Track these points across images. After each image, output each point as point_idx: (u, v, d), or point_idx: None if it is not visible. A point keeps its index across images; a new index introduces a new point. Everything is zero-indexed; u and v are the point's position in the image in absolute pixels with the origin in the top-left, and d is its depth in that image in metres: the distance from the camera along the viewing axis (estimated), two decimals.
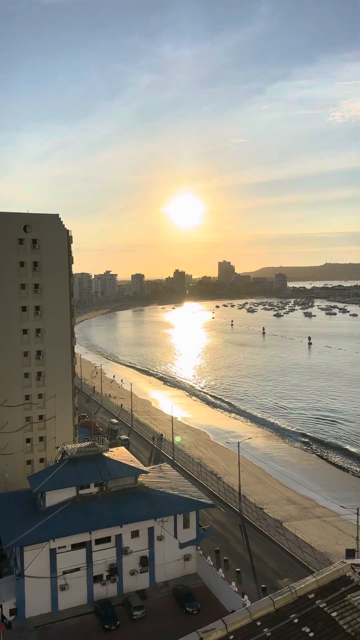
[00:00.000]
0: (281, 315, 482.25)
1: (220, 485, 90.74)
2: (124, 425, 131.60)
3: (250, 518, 78.82)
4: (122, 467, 63.54)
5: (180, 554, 62.25)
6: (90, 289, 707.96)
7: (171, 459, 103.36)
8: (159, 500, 61.79)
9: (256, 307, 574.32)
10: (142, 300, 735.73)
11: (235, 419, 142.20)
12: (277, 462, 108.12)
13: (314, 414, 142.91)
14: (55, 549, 55.95)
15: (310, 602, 18.21)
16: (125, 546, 59.38)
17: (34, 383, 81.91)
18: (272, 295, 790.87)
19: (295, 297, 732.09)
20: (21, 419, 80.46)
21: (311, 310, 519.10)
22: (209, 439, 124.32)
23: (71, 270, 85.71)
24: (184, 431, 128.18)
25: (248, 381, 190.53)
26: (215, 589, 58.66)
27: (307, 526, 77.46)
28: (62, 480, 59.98)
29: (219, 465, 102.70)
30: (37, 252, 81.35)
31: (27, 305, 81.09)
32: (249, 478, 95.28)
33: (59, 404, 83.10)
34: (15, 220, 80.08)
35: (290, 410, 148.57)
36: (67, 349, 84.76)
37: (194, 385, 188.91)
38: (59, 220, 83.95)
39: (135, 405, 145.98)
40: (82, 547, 57.45)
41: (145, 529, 60.28)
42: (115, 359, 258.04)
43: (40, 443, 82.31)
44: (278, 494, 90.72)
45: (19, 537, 54.25)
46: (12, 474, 77.76)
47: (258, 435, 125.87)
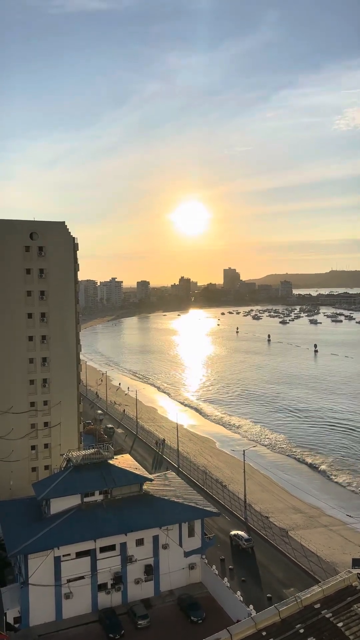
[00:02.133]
0: (287, 323, 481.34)
1: (226, 494, 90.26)
2: (129, 432, 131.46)
3: (255, 527, 78.29)
4: (127, 475, 63.36)
5: (185, 562, 61.87)
6: (95, 295, 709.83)
7: (176, 466, 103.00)
8: (164, 508, 61.51)
9: (261, 315, 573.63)
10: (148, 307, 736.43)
11: (241, 427, 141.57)
12: (283, 470, 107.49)
13: (323, 423, 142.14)
14: (59, 557, 55.73)
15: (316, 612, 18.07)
16: (129, 554, 59.07)
17: (40, 390, 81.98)
18: (277, 302, 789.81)
19: (300, 304, 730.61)
20: (26, 425, 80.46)
21: (317, 317, 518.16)
22: (214, 447, 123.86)
23: (77, 277, 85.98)
24: (189, 439, 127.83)
25: (254, 389, 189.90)
26: (220, 598, 58.22)
27: (313, 535, 76.86)
28: (66, 488, 59.84)
29: (224, 473, 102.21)
30: (43, 259, 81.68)
31: (33, 312, 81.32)
32: (255, 486, 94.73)
33: (64, 410, 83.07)
34: (21, 228, 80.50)
35: (298, 418, 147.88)
36: (72, 355, 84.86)
37: (199, 393, 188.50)
38: (65, 227, 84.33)
39: (140, 413, 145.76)
40: (87, 555, 57.20)
41: (150, 537, 59.98)
42: (121, 366, 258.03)
43: (45, 450, 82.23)
44: (284, 502, 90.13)
45: (23, 545, 54.10)
46: (17, 481, 77.67)
47: (264, 443, 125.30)
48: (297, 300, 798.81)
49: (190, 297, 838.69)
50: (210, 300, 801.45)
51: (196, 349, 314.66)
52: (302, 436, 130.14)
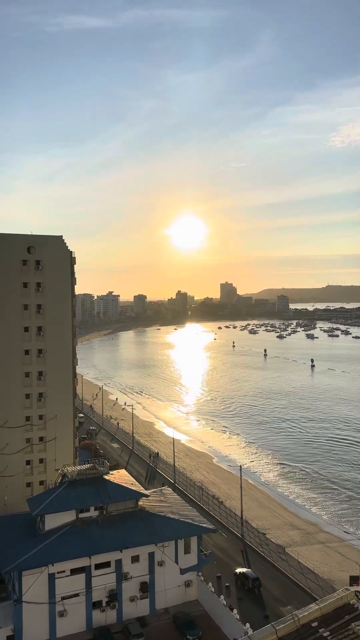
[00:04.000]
0: (284, 337, 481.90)
1: (222, 510, 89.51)
2: (125, 447, 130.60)
3: (252, 543, 77.54)
4: (122, 491, 62.82)
5: (181, 579, 61.14)
6: (92, 309, 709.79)
7: (172, 482, 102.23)
8: (160, 524, 60.91)
9: (258, 329, 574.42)
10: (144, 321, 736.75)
11: (237, 442, 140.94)
12: (280, 486, 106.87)
13: (323, 438, 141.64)
14: (54, 573, 54.99)
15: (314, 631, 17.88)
16: (125, 571, 58.34)
17: (35, 404, 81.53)
18: (274, 316, 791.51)
19: (297, 319, 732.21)
20: (21, 440, 79.88)
21: (313, 332, 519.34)
22: (210, 462, 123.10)
23: (74, 291, 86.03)
24: (186, 454, 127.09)
25: (251, 404, 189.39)
26: (216, 616, 57.46)
27: (310, 552, 76.16)
28: (61, 504, 59.24)
29: (220, 489, 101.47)
30: (41, 273, 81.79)
31: (29, 326, 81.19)
32: (251, 502, 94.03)
33: (60, 425, 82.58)
34: (19, 242, 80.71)
35: (296, 433, 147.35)
36: (68, 369, 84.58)
37: (195, 408, 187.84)
38: (62, 241, 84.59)
39: (137, 427, 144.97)
40: (82, 572, 56.45)
41: (146, 554, 59.31)
42: (118, 380, 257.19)
43: (40, 465, 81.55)
44: (281, 518, 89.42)
45: (17, 561, 53.36)
46: (11, 496, 76.91)
47: (261, 459, 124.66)
48: (294, 315, 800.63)
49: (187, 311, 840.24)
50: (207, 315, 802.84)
51: (193, 363, 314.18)
52: (300, 452, 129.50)
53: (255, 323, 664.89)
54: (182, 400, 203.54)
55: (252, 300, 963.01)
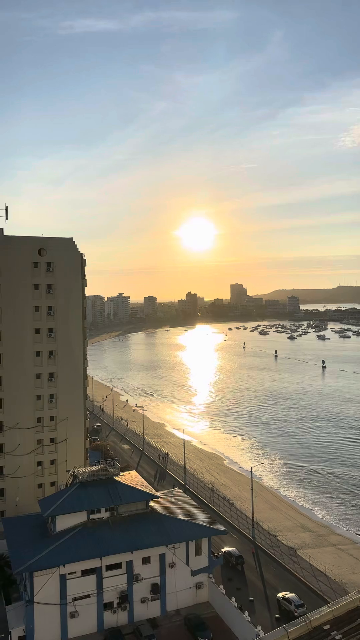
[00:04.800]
0: (294, 338, 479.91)
1: (233, 512, 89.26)
2: (135, 448, 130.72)
3: (263, 545, 77.23)
4: (133, 492, 62.85)
5: (192, 581, 61.04)
6: (102, 311, 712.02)
7: (183, 483, 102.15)
8: (171, 526, 60.84)
9: (268, 330, 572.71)
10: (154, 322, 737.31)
11: (248, 444, 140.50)
12: (292, 488, 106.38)
13: (336, 439, 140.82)
14: (65, 574, 55.16)
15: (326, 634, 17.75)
16: (136, 573, 58.38)
17: (46, 405, 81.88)
18: (284, 317, 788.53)
19: (308, 320, 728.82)
20: (33, 441, 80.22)
21: (324, 333, 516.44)
22: (221, 464, 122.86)
23: (84, 293, 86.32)
24: (196, 455, 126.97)
25: (261, 406, 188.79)
26: (227, 618, 57.28)
27: (322, 554, 75.69)
28: (72, 505, 59.38)
29: (231, 490, 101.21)
30: (51, 275, 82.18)
31: (40, 328, 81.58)
32: (263, 504, 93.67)
33: (71, 426, 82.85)
34: (30, 244, 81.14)
35: (308, 434, 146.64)
36: (79, 371, 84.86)
37: (206, 409, 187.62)
38: (72, 243, 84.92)
39: (147, 429, 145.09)
40: (93, 573, 56.57)
41: (157, 556, 59.30)
42: (128, 381, 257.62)
43: (52, 466, 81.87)
44: (292, 520, 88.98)
45: (29, 562, 53.58)
46: (23, 497, 77.25)
47: (272, 461, 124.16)
48: (305, 316, 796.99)
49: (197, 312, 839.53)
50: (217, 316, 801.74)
51: (203, 364, 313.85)
52: (312, 454, 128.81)
53: (266, 324, 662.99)
54: (192, 401, 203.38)
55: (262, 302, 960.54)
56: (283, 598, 61.46)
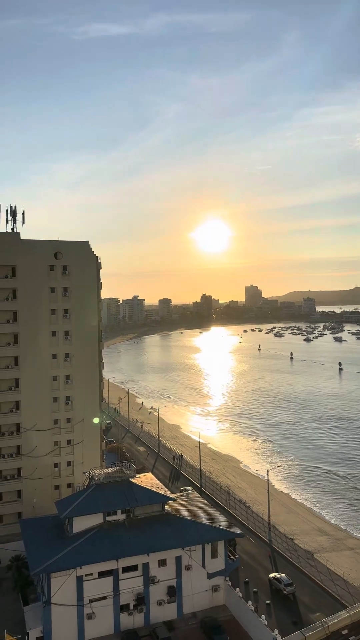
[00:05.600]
0: (311, 340, 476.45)
1: (249, 515, 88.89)
2: (151, 450, 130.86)
3: (280, 548, 76.78)
4: (149, 494, 62.97)
5: (209, 584, 60.93)
6: (118, 313, 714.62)
7: (198, 486, 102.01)
8: (187, 528, 60.85)
9: (284, 332, 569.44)
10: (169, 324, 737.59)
11: (264, 446, 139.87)
12: (309, 491, 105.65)
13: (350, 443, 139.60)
14: (82, 576, 55.44)
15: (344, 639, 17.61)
16: (152, 575, 58.45)
17: (63, 407, 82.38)
18: (300, 319, 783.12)
19: (324, 322, 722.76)
20: (49, 443, 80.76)
21: (341, 334, 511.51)
22: (237, 466, 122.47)
23: (100, 296, 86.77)
24: (212, 457, 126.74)
25: (277, 408, 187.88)
26: (244, 621, 57.04)
27: (339, 558, 75.01)
28: (89, 507, 59.70)
29: (247, 493, 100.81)
30: (67, 278, 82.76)
31: (56, 330, 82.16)
32: (279, 507, 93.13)
33: (87, 428, 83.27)
34: (46, 248, 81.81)
35: (322, 437, 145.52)
36: (95, 373, 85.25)
37: (222, 411, 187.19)
38: (88, 247, 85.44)
39: (162, 431, 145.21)
40: (109, 575, 56.77)
41: (173, 558, 59.32)
42: (143, 384, 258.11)
43: (68, 468, 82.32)
44: (309, 524, 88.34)
45: (46, 564, 53.99)
46: (40, 498, 77.75)
47: (288, 464, 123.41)
48: (321, 318, 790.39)
49: (212, 314, 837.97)
50: (232, 318, 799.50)
51: (218, 367, 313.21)
52: (330, 456, 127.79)
53: (281, 326, 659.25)
54: (208, 403, 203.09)
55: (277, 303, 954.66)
56: (274, 578, 65.85)
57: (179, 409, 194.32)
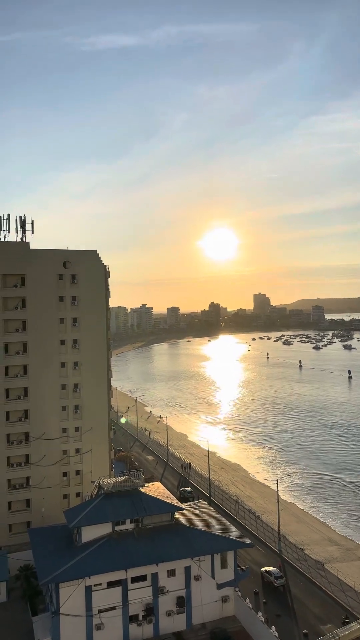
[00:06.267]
0: (320, 348, 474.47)
1: (259, 524, 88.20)
2: (160, 459, 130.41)
3: (290, 559, 76.04)
4: (158, 504, 62.68)
5: (218, 595, 60.39)
6: (126, 322, 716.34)
7: (208, 495, 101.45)
8: (196, 538, 60.45)
9: (292, 340, 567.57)
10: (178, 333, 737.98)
11: (274, 456, 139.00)
12: (319, 501, 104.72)
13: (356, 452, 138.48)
14: (90, 586, 55.12)
15: None
16: (161, 585, 58.02)
17: (71, 416, 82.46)
18: (309, 327, 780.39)
19: (333, 329, 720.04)
20: (58, 452, 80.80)
21: (350, 342, 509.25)
22: (246, 476, 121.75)
23: (108, 304, 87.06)
24: (221, 467, 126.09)
25: (286, 417, 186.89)
26: (254, 633, 56.43)
27: (350, 568, 74.13)
28: (98, 516, 59.51)
29: (257, 503, 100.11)
30: (76, 287, 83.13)
31: (65, 339, 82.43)
32: (289, 517, 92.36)
33: (95, 437, 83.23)
34: (55, 257, 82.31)
35: (332, 446, 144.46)
36: (103, 382, 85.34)
37: (230, 420, 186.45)
38: (97, 256, 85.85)
39: (171, 440, 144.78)
40: (118, 585, 56.42)
41: (182, 568, 58.88)
42: (152, 392, 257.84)
43: (77, 477, 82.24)
44: (319, 534, 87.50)
45: (55, 574, 53.79)
46: (48, 508, 77.70)
47: (298, 473, 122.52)
48: (330, 325, 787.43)
49: (220, 322, 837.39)
50: (241, 326, 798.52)
51: (227, 375, 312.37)
52: (339, 466, 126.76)
53: (290, 334, 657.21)
54: (216, 412, 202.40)
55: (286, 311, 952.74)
56: (265, 571, 69.65)
57: (187, 417, 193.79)
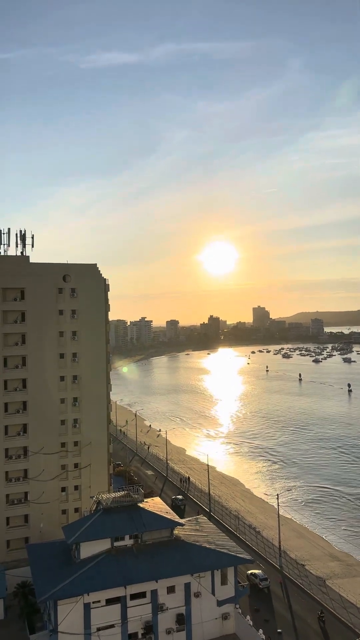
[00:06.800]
0: (319, 361, 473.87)
1: (259, 540, 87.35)
2: (159, 474, 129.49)
3: (291, 575, 75.18)
4: (157, 519, 62.09)
5: (218, 612, 59.60)
6: (125, 335, 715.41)
7: (207, 510, 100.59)
8: (196, 554, 59.80)
9: (292, 353, 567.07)
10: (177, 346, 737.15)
11: (274, 471, 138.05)
12: (320, 516, 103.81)
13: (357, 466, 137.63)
14: (89, 603, 54.40)
15: None
16: (160, 602, 57.27)
17: (70, 430, 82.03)
18: (308, 340, 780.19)
19: (332, 342, 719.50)
20: (57, 466, 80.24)
21: (350, 355, 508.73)
22: (246, 490, 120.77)
23: (107, 318, 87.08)
24: (220, 481, 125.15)
25: (286, 431, 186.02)
26: None
27: (352, 585, 73.26)
28: (96, 532, 58.88)
29: (257, 518, 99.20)
30: (76, 300, 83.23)
31: (65, 353, 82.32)
32: (289, 532, 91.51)
33: (94, 451, 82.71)
34: (55, 271, 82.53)
35: (333, 461, 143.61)
36: (102, 395, 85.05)
37: (230, 434, 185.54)
38: (96, 269, 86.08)
39: (170, 454, 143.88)
40: (117, 602, 55.69)
41: (182, 585, 58.16)
42: (151, 406, 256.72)
43: (75, 492, 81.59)
44: (321, 549, 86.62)
45: (53, 591, 53.11)
46: (47, 523, 76.97)
47: (298, 488, 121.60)
48: (329, 339, 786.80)
49: (220, 335, 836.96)
50: (240, 339, 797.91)
51: (227, 388, 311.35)
52: (340, 481, 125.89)
53: (289, 347, 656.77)
54: (216, 426, 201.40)
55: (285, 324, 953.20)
56: (251, 574, 72.19)
57: (187, 431, 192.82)
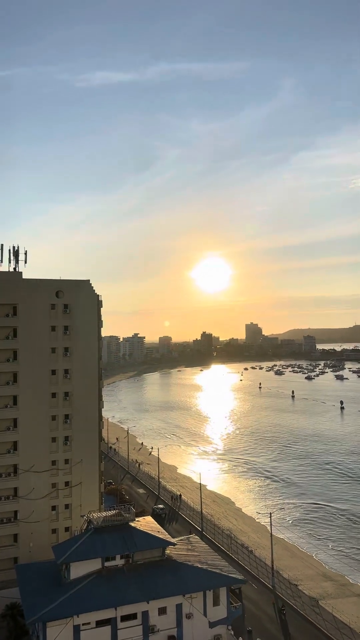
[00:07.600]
0: (312, 378, 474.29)
1: (252, 559, 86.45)
2: (151, 492, 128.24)
3: (284, 595, 74.33)
4: (149, 539, 61.34)
5: (211, 633, 58.63)
6: (118, 351, 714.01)
7: (200, 530, 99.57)
8: (188, 574, 59.01)
9: (284, 370, 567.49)
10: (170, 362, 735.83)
11: (267, 489, 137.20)
12: (313, 535, 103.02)
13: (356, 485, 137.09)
14: (79, 625, 53.38)
15: None
16: (152, 624, 56.32)
17: (61, 448, 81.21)
18: (300, 357, 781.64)
19: (325, 359, 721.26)
20: (47, 485, 79.20)
21: (342, 372, 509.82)
22: (239, 509, 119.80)
23: (100, 334, 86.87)
24: (213, 500, 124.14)
25: (279, 450, 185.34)
26: None
27: (345, 605, 72.57)
28: (87, 552, 58.03)
29: (250, 537, 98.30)
30: (68, 316, 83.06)
31: (56, 369, 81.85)
32: (282, 552, 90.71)
33: (85, 469, 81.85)
34: (48, 287, 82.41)
35: (327, 479, 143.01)
36: (94, 412, 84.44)
37: (222, 453, 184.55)
38: (89, 285, 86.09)
39: (162, 472, 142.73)
40: (107, 624, 54.67)
41: (173, 606, 57.27)
42: (143, 423, 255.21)
43: (66, 511, 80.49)
44: (314, 569, 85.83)
45: (42, 612, 52.09)
46: (36, 543, 75.75)
47: (291, 507, 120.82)
48: (321, 356, 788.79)
49: (213, 352, 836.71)
50: (233, 356, 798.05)
51: (219, 405, 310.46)
52: (333, 501, 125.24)
53: (282, 364, 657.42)
54: (208, 444, 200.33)
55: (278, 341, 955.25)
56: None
57: (181, 448, 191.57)
